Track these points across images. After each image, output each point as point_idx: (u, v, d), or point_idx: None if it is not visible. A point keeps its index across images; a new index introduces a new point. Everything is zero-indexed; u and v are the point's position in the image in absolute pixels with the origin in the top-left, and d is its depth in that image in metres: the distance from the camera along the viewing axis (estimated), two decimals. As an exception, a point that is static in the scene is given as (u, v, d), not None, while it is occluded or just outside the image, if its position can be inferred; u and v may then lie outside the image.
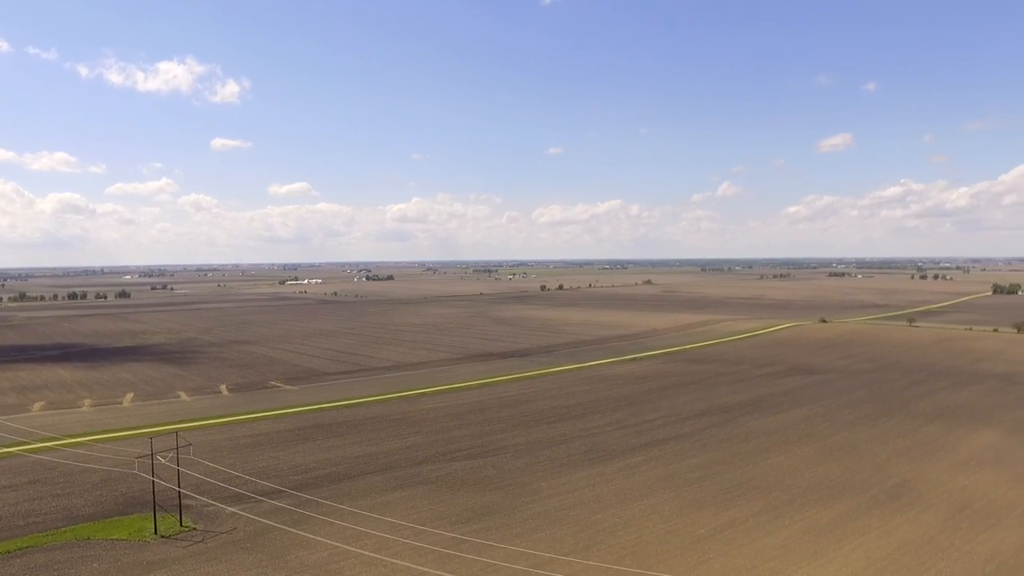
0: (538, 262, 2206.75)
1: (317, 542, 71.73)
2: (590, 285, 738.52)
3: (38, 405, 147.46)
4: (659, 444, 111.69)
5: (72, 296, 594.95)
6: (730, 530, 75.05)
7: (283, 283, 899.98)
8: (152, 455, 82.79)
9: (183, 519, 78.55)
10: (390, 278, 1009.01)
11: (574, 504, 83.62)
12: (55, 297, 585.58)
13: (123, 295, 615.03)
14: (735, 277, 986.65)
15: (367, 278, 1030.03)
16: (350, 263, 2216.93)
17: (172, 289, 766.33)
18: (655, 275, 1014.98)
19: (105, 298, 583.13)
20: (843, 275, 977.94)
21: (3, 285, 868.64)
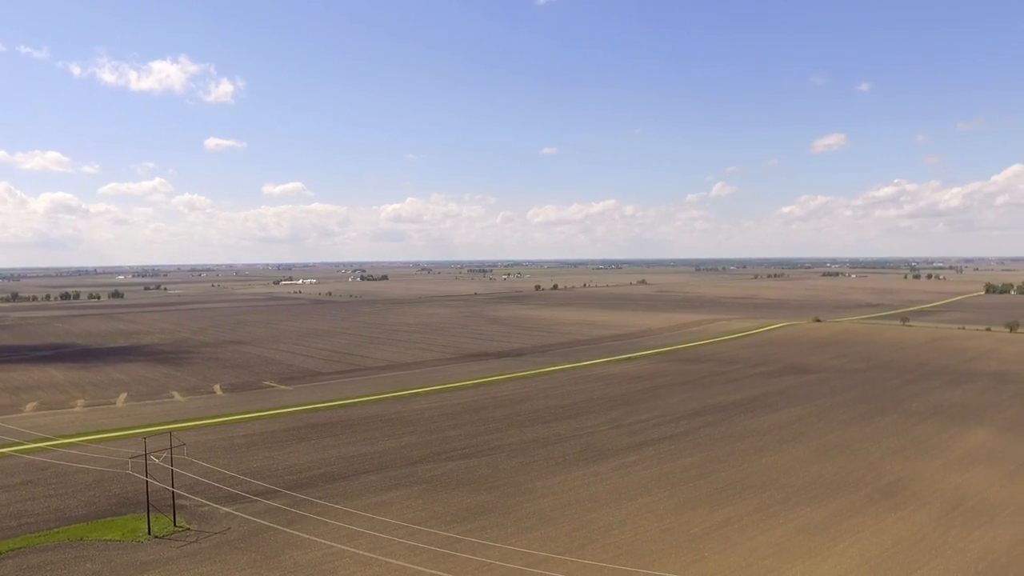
0: (533, 262, 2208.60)
1: (312, 542, 71.59)
2: (584, 285, 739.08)
3: (31, 405, 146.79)
4: (654, 443, 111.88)
5: (65, 296, 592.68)
6: (725, 529, 75.23)
7: (277, 283, 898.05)
8: (146, 455, 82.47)
9: (177, 519, 78.30)
10: (384, 278, 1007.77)
11: (569, 503, 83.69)
12: (47, 297, 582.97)
13: (116, 295, 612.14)
14: (729, 277, 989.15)
15: (361, 278, 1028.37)
16: (344, 263, 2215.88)
17: (166, 289, 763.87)
18: (649, 275, 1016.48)
19: (98, 298, 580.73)
20: (837, 275, 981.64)
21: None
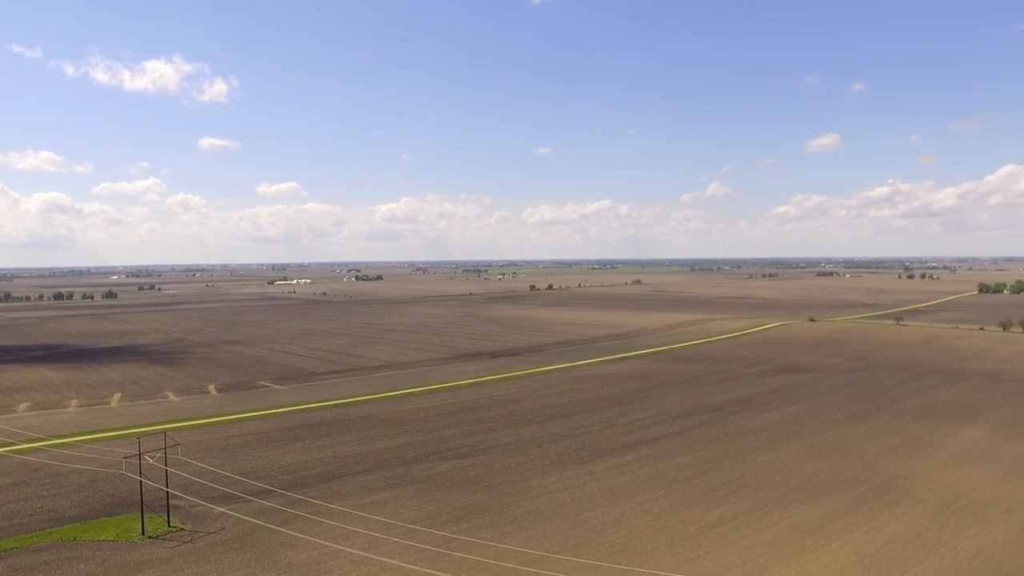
0: (527, 262, 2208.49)
1: (306, 541, 71.43)
2: (579, 285, 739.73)
3: (24, 406, 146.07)
4: (649, 443, 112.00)
5: (58, 296, 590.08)
6: (719, 527, 75.35)
7: (272, 283, 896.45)
8: (140, 455, 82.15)
9: (171, 519, 78.02)
10: (379, 278, 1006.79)
11: (564, 502, 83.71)
12: (41, 297, 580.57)
13: (110, 295, 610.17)
14: (724, 277, 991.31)
15: (356, 278, 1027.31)
16: (339, 263, 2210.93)
17: (160, 289, 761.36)
18: (644, 275, 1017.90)
19: (92, 298, 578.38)
20: (831, 275, 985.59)
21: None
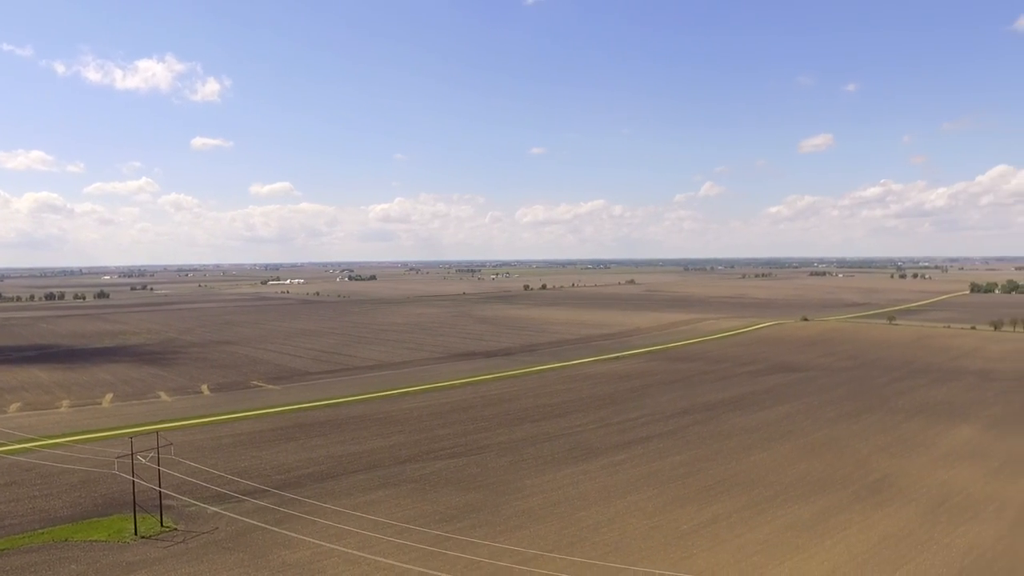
0: (521, 262, 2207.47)
1: (300, 541, 71.22)
2: (573, 285, 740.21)
3: (14, 406, 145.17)
4: (642, 442, 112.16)
5: (49, 297, 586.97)
6: (713, 526, 75.50)
7: (265, 283, 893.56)
8: (132, 455, 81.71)
9: (164, 519, 77.66)
10: (373, 278, 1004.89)
11: (558, 501, 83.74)
12: (32, 298, 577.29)
13: (102, 295, 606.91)
14: (717, 276, 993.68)
15: (350, 278, 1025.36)
16: (332, 263, 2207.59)
17: (152, 289, 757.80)
18: (638, 275, 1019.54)
19: (83, 299, 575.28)
20: (824, 274, 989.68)
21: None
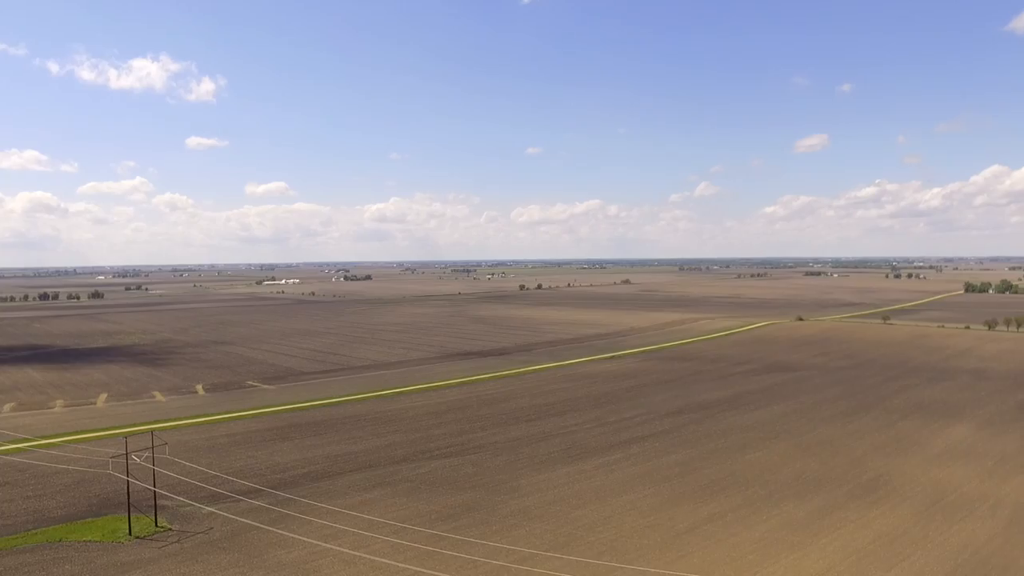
0: (517, 262, 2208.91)
1: (295, 541, 71.07)
2: (569, 284, 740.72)
3: (8, 406, 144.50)
4: (638, 441, 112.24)
5: (43, 296, 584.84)
6: (709, 525, 75.60)
7: (260, 283, 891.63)
8: (127, 455, 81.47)
9: (158, 519, 77.39)
10: (368, 278, 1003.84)
11: (554, 501, 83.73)
12: (26, 298, 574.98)
13: (96, 295, 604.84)
14: (713, 276, 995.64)
15: (345, 278, 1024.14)
16: (328, 263, 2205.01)
17: (147, 289, 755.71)
18: (633, 274, 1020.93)
19: (78, 299, 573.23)
20: (819, 274, 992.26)
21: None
